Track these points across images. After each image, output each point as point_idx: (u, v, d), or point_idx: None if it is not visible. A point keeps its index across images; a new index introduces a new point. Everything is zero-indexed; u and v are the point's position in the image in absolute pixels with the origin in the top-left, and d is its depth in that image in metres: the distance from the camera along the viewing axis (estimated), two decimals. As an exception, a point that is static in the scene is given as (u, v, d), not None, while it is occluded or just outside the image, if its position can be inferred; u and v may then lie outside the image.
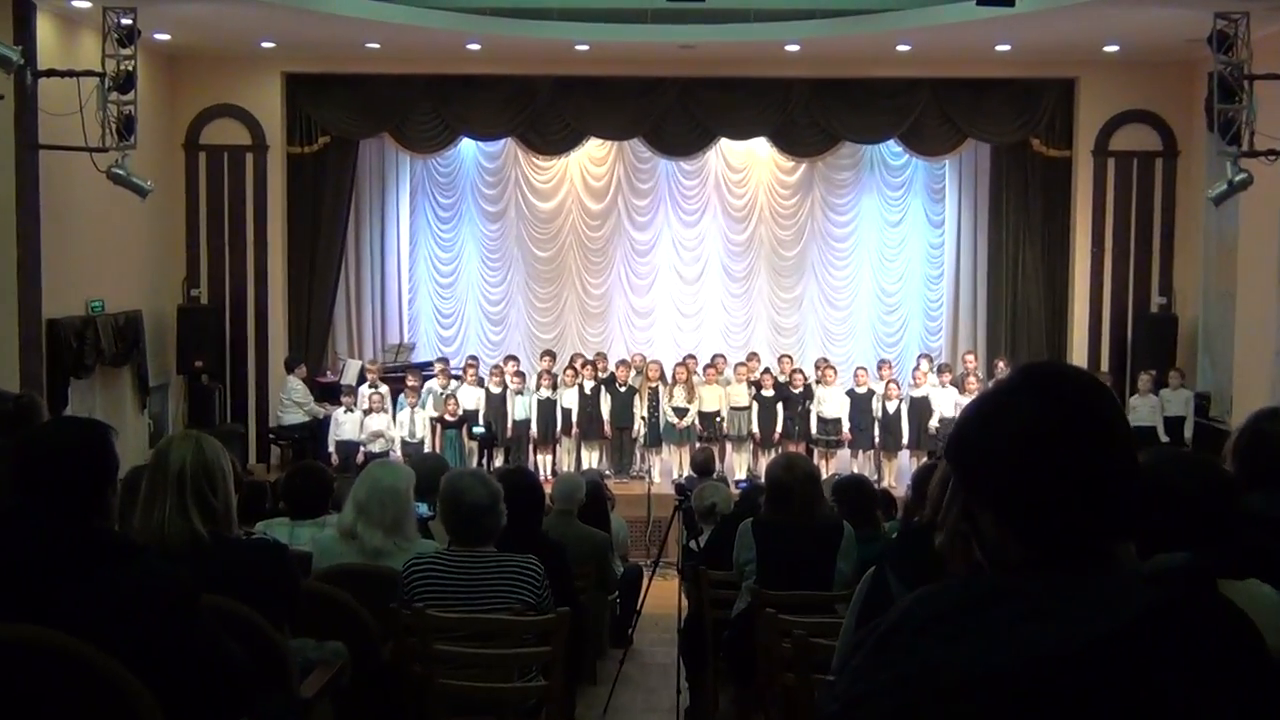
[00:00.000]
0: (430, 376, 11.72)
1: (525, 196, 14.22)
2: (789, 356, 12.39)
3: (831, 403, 11.32)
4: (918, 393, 11.36)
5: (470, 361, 11.92)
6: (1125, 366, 12.18)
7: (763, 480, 5.24)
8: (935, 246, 14.11)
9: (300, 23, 10.72)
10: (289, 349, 12.33)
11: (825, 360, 12.15)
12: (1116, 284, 12.47)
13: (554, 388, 11.38)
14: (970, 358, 12.05)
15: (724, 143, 13.51)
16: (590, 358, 12.05)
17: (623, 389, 11.35)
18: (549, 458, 11.47)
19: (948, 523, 1.21)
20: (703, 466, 9.06)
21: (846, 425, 11.25)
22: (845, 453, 11.48)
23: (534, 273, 14.34)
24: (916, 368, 11.84)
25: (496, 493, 3.42)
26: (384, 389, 11.33)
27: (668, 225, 14.33)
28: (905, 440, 11.22)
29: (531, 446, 11.48)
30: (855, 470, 10.54)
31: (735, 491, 7.78)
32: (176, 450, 2.68)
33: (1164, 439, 10.67)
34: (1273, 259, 9.90)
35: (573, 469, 10.91)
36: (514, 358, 11.98)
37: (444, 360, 12.24)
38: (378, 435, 10.79)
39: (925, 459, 10.51)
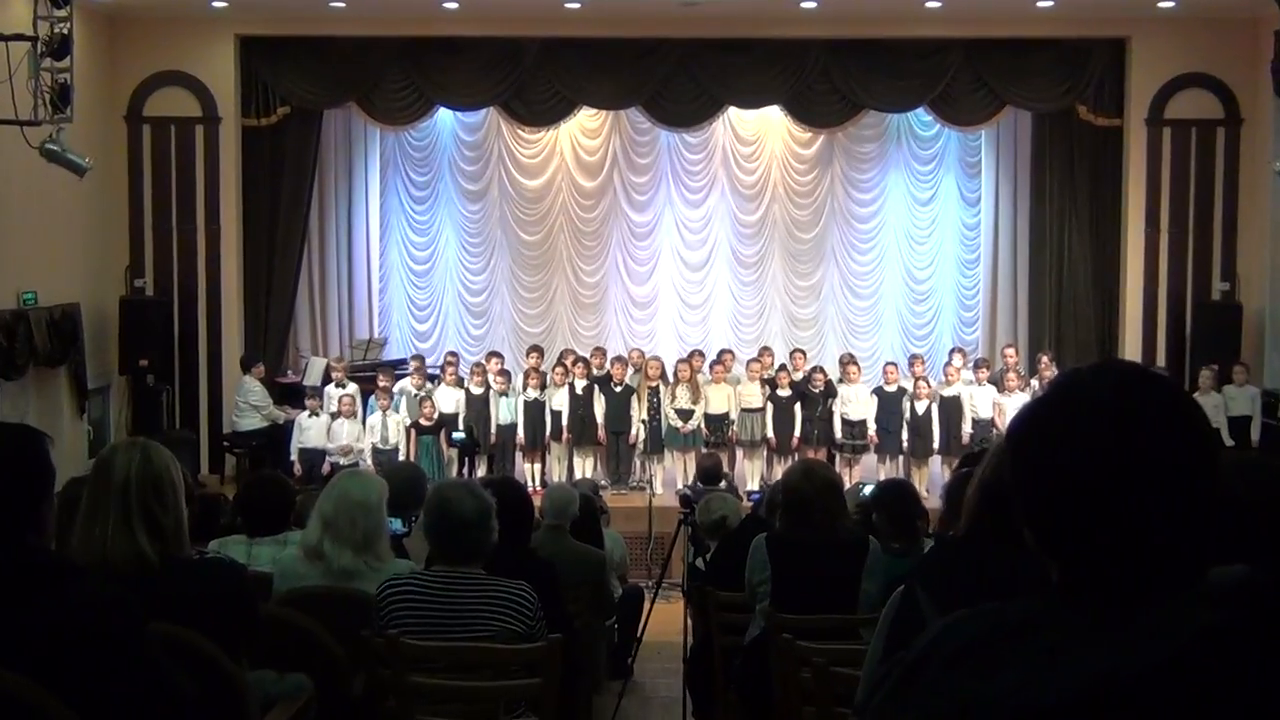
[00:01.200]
0: (403, 376, 11.72)
1: (510, 173, 14.21)
2: (803, 351, 12.39)
3: (856, 403, 11.32)
4: (950, 391, 11.36)
5: (449, 359, 11.92)
6: (1184, 361, 12.18)
7: (778, 490, 5.24)
8: (970, 227, 14.10)
9: (256, -21, 10.71)
10: (245, 346, 12.32)
11: (850, 355, 12.15)
12: (1173, 268, 12.47)
13: (542, 388, 11.39)
14: (1010, 352, 12.05)
15: (732, 112, 13.49)
16: (583, 354, 12.05)
17: (619, 389, 11.35)
18: (537, 466, 11.48)
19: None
20: (710, 475, 9.06)
21: (872, 428, 11.26)
22: (871, 459, 11.48)
23: (520, 259, 14.33)
24: (948, 363, 11.84)
25: (488, 507, 3.42)
26: (353, 388, 11.33)
27: (670, 205, 14.32)
28: (936, 444, 11.22)
29: (518, 454, 11.48)
30: (883, 478, 10.53)
31: (747, 503, 7.79)
32: (120, 460, 2.68)
33: (1228, 442, 10.68)
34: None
35: (564, 479, 10.91)
36: (497, 354, 11.98)
37: (420, 358, 12.25)
38: (347, 451, 10.79)
39: (958, 466, 10.47)
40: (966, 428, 11.21)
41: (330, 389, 11.37)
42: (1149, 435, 1.12)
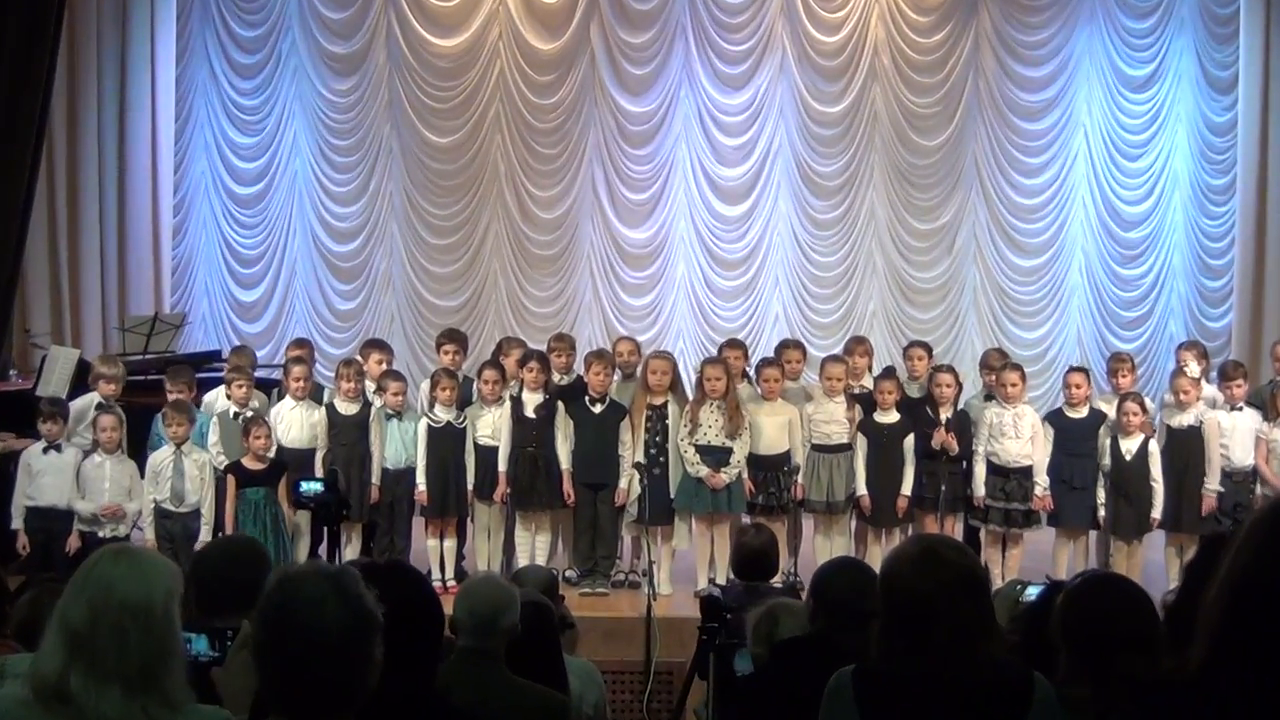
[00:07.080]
0: (216, 382, 11.72)
1: (408, 26, 14.22)
2: (925, 346, 12.38)
3: (1016, 438, 11.32)
4: (1183, 420, 11.37)
5: (295, 353, 11.90)
6: None
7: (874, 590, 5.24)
8: (1220, 131, 14.13)
9: None
10: (-63, 328, 12.35)
11: (1000, 353, 12.14)
12: None
13: (463, 405, 11.39)
14: (1287, 351, 12.09)
15: (802, -78, 13.55)
16: (536, 346, 12.04)
17: (599, 409, 11.36)
18: (451, 544, 11.49)
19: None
20: (756, 563, 9.07)
21: (1044, 482, 11.27)
22: (1043, 536, 11.49)
23: (424, 177, 14.34)
24: (1180, 370, 11.85)
25: (369, 617, 3.41)
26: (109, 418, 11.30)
27: (690, 85, 14.36)
28: (1157, 512, 11.24)
29: (417, 521, 11.49)
30: (1064, 569, 10.54)
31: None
32: None
33: None
34: None
35: (497, 567, 10.93)
36: (382, 345, 11.98)
37: (244, 351, 12.24)
38: (112, 513, 10.77)
39: (1198, 552, 10.47)
40: (1212, 483, 11.21)
41: (84, 403, 11.35)
42: None
